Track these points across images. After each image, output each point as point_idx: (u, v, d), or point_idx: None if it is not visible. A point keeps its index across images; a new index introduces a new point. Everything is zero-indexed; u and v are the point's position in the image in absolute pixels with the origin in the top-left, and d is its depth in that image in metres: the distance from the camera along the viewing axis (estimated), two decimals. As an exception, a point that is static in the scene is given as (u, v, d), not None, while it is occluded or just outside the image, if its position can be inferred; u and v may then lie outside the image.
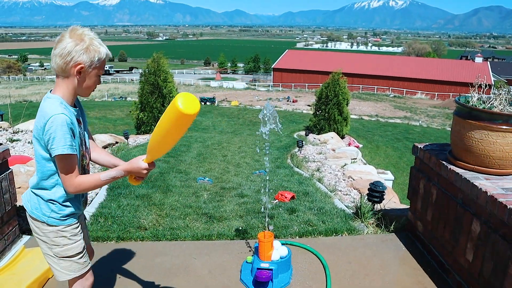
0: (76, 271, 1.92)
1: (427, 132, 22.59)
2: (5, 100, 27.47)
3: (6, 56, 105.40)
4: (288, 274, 2.79)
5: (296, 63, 57.29)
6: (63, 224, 1.86)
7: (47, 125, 1.67)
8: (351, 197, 5.28)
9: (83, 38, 1.72)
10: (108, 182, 1.86)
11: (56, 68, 1.74)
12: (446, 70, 52.06)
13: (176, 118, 1.66)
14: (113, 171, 1.85)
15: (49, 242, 1.87)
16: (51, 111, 1.69)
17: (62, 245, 1.87)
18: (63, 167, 1.74)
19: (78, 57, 1.71)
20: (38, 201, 1.83)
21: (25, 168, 4.43)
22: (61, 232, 1.86)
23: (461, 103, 2.57)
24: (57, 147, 1.69)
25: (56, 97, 1.75)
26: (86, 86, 1.80)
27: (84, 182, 1.79)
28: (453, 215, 2.65)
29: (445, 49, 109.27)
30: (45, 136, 1.69)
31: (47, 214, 1.83)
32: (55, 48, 1.72)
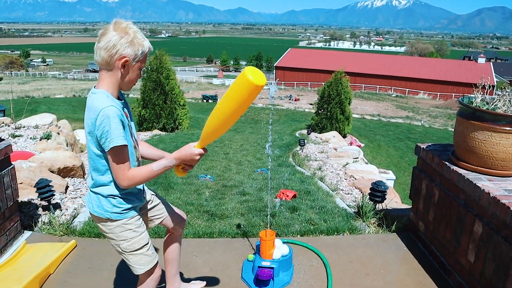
0: (147, 264, 1.95)
1: (429, 132, 22.56)
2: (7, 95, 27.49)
3: (9, 51, 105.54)
4: (289, 273, 2.79)
5: (298, 61, 57.25)
6: (126, 217, 1.88)
7: (98, 119, 1.67)
8: (352, 196, 5.28)
9: (128, 31, 1.73)
10: (160, 172, 1.85)
11: (100, 61, 1.74)
12: (449, 70, 51.98)
13: (248, 90, 1.66)
14: (164, 160, 1.85)
15: (116, 238, 1.89)
16: (100, 105, 1.69)
17: (129, 239, 1.89)
18: (116, 160, 1.74)
19: (123, 50, 1.71)
20: (99, 199, 1.84)
21: (27, 163, 4.43)
22: (126, 226, 1.88)
23: (465, 104, 2.57)
24: (111, 140, 1.68)
25: (102, 91, 1.75)
26: (129, 80, 1.81)
27: (138, 175, 1.79)
28: (455, 216, 2.64)
29: (448, 49, 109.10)
30: (97, 131, 1.69)
31: (109, 210, 1.84)
32: (98, 41, 1.72)
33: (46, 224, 3.46)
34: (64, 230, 3.36)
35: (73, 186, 4.69)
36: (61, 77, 59.41)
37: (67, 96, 31.86)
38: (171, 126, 13.41)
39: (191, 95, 33.82)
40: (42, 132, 6.27)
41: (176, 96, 13.48)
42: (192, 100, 29.73)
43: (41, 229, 3.39)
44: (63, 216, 3.72)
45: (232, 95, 1.71)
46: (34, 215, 3.61)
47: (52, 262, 2.79)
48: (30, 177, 4.15)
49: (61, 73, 66.50)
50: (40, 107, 19.13)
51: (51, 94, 33.13)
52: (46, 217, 3.59)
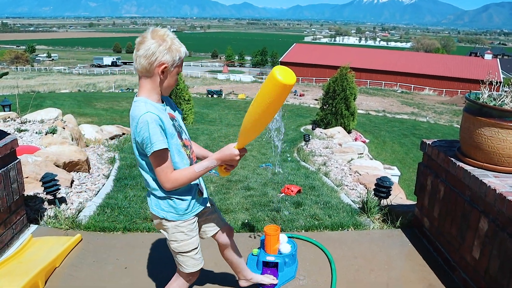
0: (192, 267, 2.03)
1: (434, 128, 22.46)
2: (13, 90, 27.62)
3: (14, 46, 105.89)
4: (294, 268, 2.79)
5: (303, 57, 57.10)
6: (181, 220, 1.94)
7: (138, 127, 1.74)
8: (357, 192, 5.27)
9: (165, 39, 1.77)
10: (202, 174, 1.89)
11: (140, 69, 1.79)
12: (455, 67, 51.67)
13: (277, 90, 1.66)
14: (206, 161, 1.89)
15: (168, 237, 1.98)
16: (138, 112, 1.75)
17: (180, 241, 1.96)
18: (158, 164, 1.79)
19: (162, 57, 1.76)
20: (157, 200, 1.92)
21: (32, 158, 4.45)
22: (179, 228, 1.94)
23: (472, 100, 2.55)
24: (151, 145, 1.74)
25: (141, 99, 1.81)
26: (168, 85, 1.86)
27: (180, 177, 1.83)
28: (461, 212, 2.63)
29: (454, 45, 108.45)
30: (138, 138, 1.76)
31: (165, 209, 1.91)
32: (137, 49, 1.77)
33: (51, 218, 3.48)
34: (70, 224, 3.38)
35: (78, 181, 4.71)
36: (66, 72, 59.60)
37: (72, 91, 31.96)
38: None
39: (196, 90, 33.83)
40: (47, 126, 6.29)
41: (180, 91, 13.50)
42: (197, 95, 29.75)
43: (46, 223, 3.41)
44: (68, 210, 3.74)
45: (262, 94, 1.72)
46: (40, 209, 3.63)
47: (57, 256, 2.81)
48: (36, 171, 4.18)
49: (66, 68, 66.70)
50: (46, 102, 19.19)
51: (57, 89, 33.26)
52: (51, 211, 3.61)
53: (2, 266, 2.64)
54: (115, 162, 5.73)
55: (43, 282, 2.58)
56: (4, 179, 2.84)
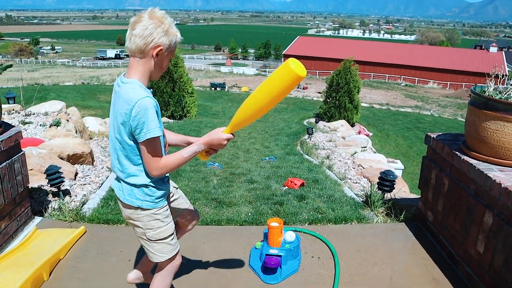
0: (169, 253, 1.97)
1: (438, 121, 22.38)
2: (17, 83, 27.66)
3: (18, 39, 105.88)
4: (297, 261, 2.79)
5: (307, 49, 56.85)
6: (157, 207, 1.89)
7: (134, 110, 1.67)
8: (360, 185, 5.26)
9: (163, 21, 1.73)
10: (190, 158, 1.86)
11: (134, 49, 1.73)
12: (460, 60, 51.34)
13: (290, 80, 1.67)
14: (194, 145, 1.86)
15: (143, 226, 1.90)
16: (135, 95, 1.69)
17: (156, 228, 1.90)
18: (151, 151, 1.74)
19: (159, 39, 1.71)
20: (131, 188, 1.85)
21: (37, 150, 4.46)
22: (155, 215, 1.89)
23: (477, 93, 2.53)
24: (147, 131, 1.69)
25: (135, 81, 1.75)
26: (160, 69, 1.82)
27: (169, 163, 1.80)
28: (465, 206, 2.62)
29: (459, 38, 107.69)
30: (133, 122, 1.69)
31: (141, 198, 1.85)
32: (133, 28, 1.71)
33: (56, 210, 3.49)
34: (74, 216, 3.39)
35: (82, 173, 4.72)
36: (70, 65, 59.61)
37: (76, 84, 31.97)
38: (179, 114, 13.43)
39: (199, 83, 33.79)
40: (51, 119, 6.30)
41: (184, 83, 13.48)
42: (200, 88, 29.72)
43: (51, 215, 3.43)
44: (72, 203, 3.76)
45: (272, 84, 1.71)
46: (44, 201, 3.65)
47: (62, 248, 2.82)
48: (40, 163, 4.18)
49: (70, 60, 66.69)
50: (50, 94, 19.21)
51: (60, 81, 33.28)
52: (56, 203, 3.62)
53: (7, 257, 2.65)
54: (119, 154, 5.73)
55: (47, 273, 2.59)
56: (8, 171, 2.85)
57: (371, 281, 2.67)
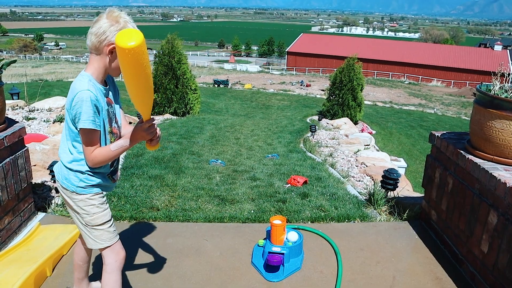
0: (108, 241, 2.00)
1: (442, 120, 22.31)
2: (21, 78, 27.69)
3: (23, 35, 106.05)
4: (300, 259, 2.79)
5: (310, 47, 56.75)
6: (91, 193, 1.95)
7: (74, 100, 1.78)
8: (363, 183, 5.25)
9: (118, 20, 1.81)
10: (119, 152, 1.92)
11: (90, 45, 1.84)
12: (464, 58, 51.14)
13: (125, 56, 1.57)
14: (121, 140, 1.91)
15: (79, 211, 1.96)
16: (78, 87, 1.80)
17: (92, 214, 1.95)
18: (84, 141, 1.84)
19: (112, 37, 1.78)
20: (68, 172, 1.93)
21: (40, 146, 4.47)
22: (90, 201, 1.95)
23: (483, 92, 2.51)
24: (81, 121, 1.78)
25: (86, 75, 1.85)
26: (115, 66, 1.88)
27: (98, 155, 1.87)
28: (469, 205, 2.61)
29: (464, 36, 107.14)
30: (72, 111, 1.80)
31: (75, 184, 1.92)
32: (92, 26, 1.82)
33: (59, 206, 3.50)
34: (77, 212, 3.39)
35: (85, 169, 4.72)
36: (74, 61, 59.67)
37: (79, 80, 31.99)
38: (183, 111, 13.42)
39: (202, 80, 33.77)
40: (55, 115, 6.31)
41: (187, 80, 13.46)
42: (203, 85, 29.70)
43: (54, 211, 3.43)
44: (75, 199, 3.75)
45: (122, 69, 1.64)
46: (47, 197, 3.65)
47: (65, 244, 2.82)
48: (44, 159, 4.19)
49: (74, 57, 66.76)
50: (54, 90, 19.23)
51: (64, 77, 33.31)
52: (59, 199, 3.62)
53: (10, 252, 2.66)
54: (122, 151, 5.73)
55: (50, 269, 2.60)
56: (12, 167, 2.85)
57: (373, 279, 2.66)
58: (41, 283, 2.49)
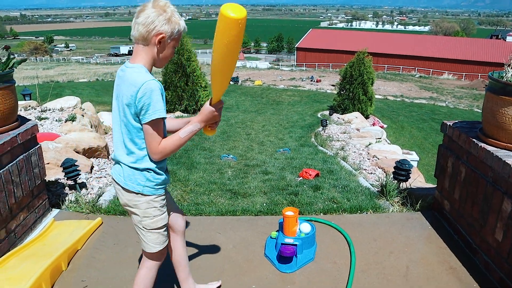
0: (161, 244, 1.99)
1: (453, 113, 22.07)
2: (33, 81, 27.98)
3: (33, 38, 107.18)
4: (312, 250, 2.79)
5: (320, 42, 56.49)
6: (156, 194, 1.90)
7: (140, 92, 1.70)
8: (375, 176, 5.22)
9: (166, 9, 1.77)
10: (188, 139, 1.87)
11: (137, 36, 1.78)
12: (475, 50, 50.48)
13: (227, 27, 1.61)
14: (189, 125, 1.87)
15: (140, 214, 1.91)
16: (141, 78, 1.73)
17: (153, 216, 1.91)
18: (153, 133, 1.76)
19: (161, 27, 1.76)
20: (133, 172, 1.85)
21: (53, 144, 4.53)
22: (153, 203, 1.90)
23: (495, 79, 2.48)
24: (153, 112, 1.72)
25: (140, 66, 1.79)
26: (163, 56, 1.85)
27: (168, 145, 1.81)
28: (482, 194, 2.58)
29: (475, 28, 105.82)
30: (138, 104, 1.72)
31: (142, 183, 1.86)
32: (137, 16, 1.77)
33: (72, 203, 3.54)
34: (90, 208, 3.43)
35: (98, 166, 4.77)
36: (84, 62, 60.16)
37: (90, 80, 32.28)
38: (193, 108, 13.47)
39: (212, 78, 33.76)
40: (67, 114, 6.38)
41: (197, 78, 13.50)
42: (213, 82, 29.70)
43: (68, 207, 3.48)
44: (89, 195, 3.80)
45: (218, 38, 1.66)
46: (61, 194, 3.70)
47: (79, 239, 2.86)
48: (57, 157, 4.24)
49: (84, 57, 67.32)
50: (65, 91, 19.42)
51: (75, 78, 33.62)
52: (72, 196, 3.67)
53: (26, 248, 2.70)
54: (134, 148, 5.78)
55: (66, 263, 2.63)
56: (26, 164, 2.89)
57: (387, 269, 2.65)
58: (57, 277, 2.53)
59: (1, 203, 2.59)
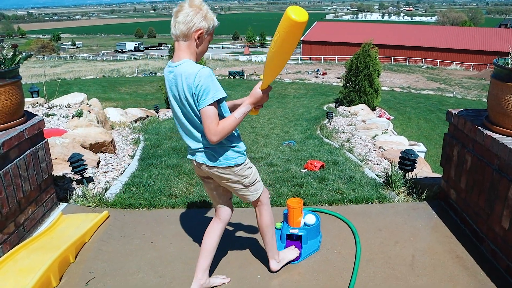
0: (261, 188, 2.30)
1: (461, 103, 21.91)
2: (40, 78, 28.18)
3: (40, 36, 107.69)
4: (318, 240, 2.79)
5: (325, 35, 56.22)
6: (246, 158, 2.18)
7: (196, 80, 1.89)
8: (381, 167, 5.21)
9: (202, 8, 1.97)
10: (242, 119, 2.05)
11: (178, 34, 1.97)
12: (483, 39, 49.92)
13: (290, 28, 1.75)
14: (242, 107, 2.06)
15: (240, 179, 2.17)
16: (193, 69, 1.91)
17: (249, 174, 2.19)
18: (212, 115, 1.93)
19: (199, 24, 1.96)
20: (224, 151, 2.09)
21: (60, 140, 4.56)
22: (245, 166, 2.17)
23: (500, 65, 2.46)
24: (211, 94, 1.90)
25: (187, 60, 1.98)
26: (201, 50, 2.06)
27: (226, 126, 1.98)
28: (489, 182, 2.57)
29: (483, 17, 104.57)
30: (196, 90, 1.90)
31: (234, 156, 2.10)
32: (176, 16, 1.96)
33: (80, 197, 3.57)
34: (97, 201, 3.46)
35: (104, 161, 4.81)
36: (90, 59, 60.41)
37: (97, 77, 32.44)
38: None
39: (218, 72, 33.85)
40: (73, 110, 6.41)
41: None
42: (219, 77, 29.71)
43: (75, 201, 3.51)
44: (95, 189, 3.83)
45: (281, 36, 1.81)
46: (68, 188, 3.73)
47: (86, 231, 2.89)
48: (64, 152, 4.28)
49: (91, 55, 67.58)
50: (72, 88, 19.55)
51: (82, 75, 33.80)
52: (79, 190, 3.70)
53: (35, 241, 2.73)
54: (140, 143, 5.82)
55: (73, 256, 2.67)
56: (33, 158, 2.92)
57: (392, 259, 2.65)
58: (65, 269, 2.56)
59: (10, 197, 2.62)
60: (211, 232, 2.35)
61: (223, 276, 2.47)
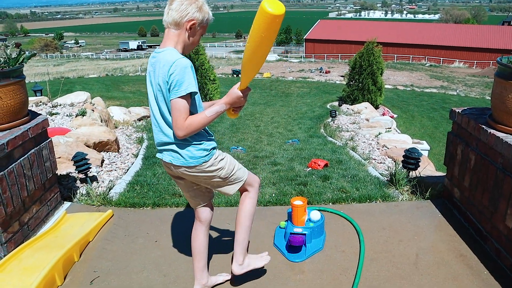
0: (244, 174, 2.20)
1: (465, 101, 21.81)
2: (44, 77, 28.23)
3: (43, 34, 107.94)
4: (321, 239, 2.80)
5: (328, 33, 56.10)
6: (214, 154, 2.06)
7: (171, 69, 1.82)
8: (385, 165, 5.20)
9: None
10: (214, 118, 1.98)
11: (170, 21, 1.92)
12: (486, 37, 49.68)
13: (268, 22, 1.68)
14: (216, 106, 1.98)
15: (215, 173, 2.07)
16: (172, 57, 1.85)
17: (224, 165, 2.09)
18: (180, 108, 1.85)
19: (193, 14, 1.91)
20: (189, 150, 1.99)
21: (64, 139, 4.57)
22: (216, 159, 2.07)
23: (504, 64, 2.45)
24: (185, 87, 1.83)
25: (171, 48, 1.92)
26: (192, 42, 1.99)
27: (193, 122, 1.89)
28: (493, 181, 2.56)
29: (486, 15, 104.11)
30: (169, 80, 1.83)
31: (202, 155, 2.01)
32: (171, 3, 1.91)
33: (84, 196, 3.58)
34: (101, 200, 3.47)
35: (108, 160, 4.82)
36: (93, 58, 60.48)
37: (100, 76, 32.47)
38: (202, 101, 13.52)
39: (221, 71, 33.80)
40: (77, 109, 6.43)
41: (206, 71, 13.52)
42: (222, 76, 29.75)
43: (79, 200, 3.52)
44: (99, 188, 3.85)
45: (255, 30, 1.74)
46: (72, 187, 3.75)
47: (91, 230, 2.91)
48: (68, 151, 4.29)
49: (94, 53, 67.69)
50: (75, 87, 19.57)
51: (85, 74, 33.83)
52: (83, 189, 3.71)
53: (39, 240, 2.75)
54: (143, 141, 5.83)
55: (77, 254, 2.68)
56: (37, 158, 2.94)
57: (396, 257, 2.65)
58: (69, 267, 2.57)
59: (14, 196, 2.63)
60: (195, 236, 2.29)
61: (225, 274, 2.47)
